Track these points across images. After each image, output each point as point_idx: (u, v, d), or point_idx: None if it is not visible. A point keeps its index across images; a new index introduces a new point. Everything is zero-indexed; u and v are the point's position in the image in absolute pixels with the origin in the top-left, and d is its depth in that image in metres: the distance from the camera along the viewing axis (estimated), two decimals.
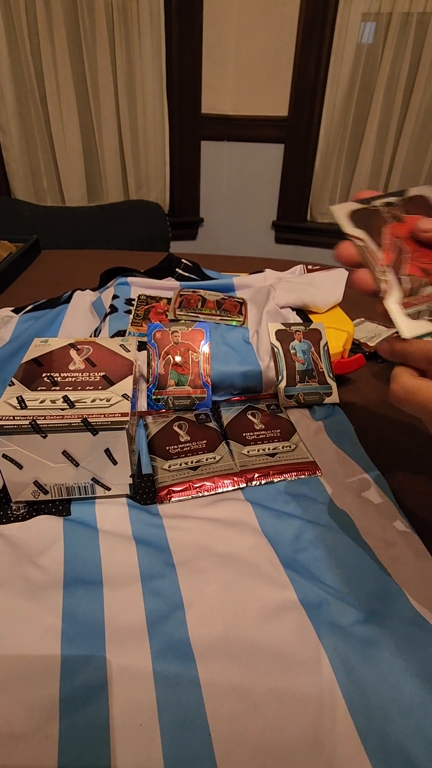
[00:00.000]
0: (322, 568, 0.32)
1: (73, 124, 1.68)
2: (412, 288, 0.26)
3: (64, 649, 0.27)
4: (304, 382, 0.51)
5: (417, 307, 0.26)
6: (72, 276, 0.86)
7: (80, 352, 0.41)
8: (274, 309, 0.59)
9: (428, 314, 0.26)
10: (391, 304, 0.26)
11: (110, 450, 0.34)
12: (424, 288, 0.26)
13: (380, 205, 0.28)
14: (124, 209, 1.30)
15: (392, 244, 0.27)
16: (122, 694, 0.25)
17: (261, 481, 0.40)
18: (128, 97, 1.68)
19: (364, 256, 0.27)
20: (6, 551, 0.32)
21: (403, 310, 0.26)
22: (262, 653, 0.27)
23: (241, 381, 0.51)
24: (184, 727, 0.24)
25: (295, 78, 1.70)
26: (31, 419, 0.33)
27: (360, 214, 0.28)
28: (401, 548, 0.34)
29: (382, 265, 0.27)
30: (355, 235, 0.27)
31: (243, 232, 2.03)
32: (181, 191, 1.93)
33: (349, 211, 0.28)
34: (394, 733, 0.24)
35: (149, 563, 0.32)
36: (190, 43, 1.65)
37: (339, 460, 0.43)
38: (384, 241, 0.27)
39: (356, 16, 1.58)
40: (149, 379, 0.49)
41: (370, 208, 0.28)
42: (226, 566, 0.32)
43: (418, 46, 1.58)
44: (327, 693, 0.25)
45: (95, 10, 1.52)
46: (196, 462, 0.41)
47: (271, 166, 1.88)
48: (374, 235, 0.27)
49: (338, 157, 1.83)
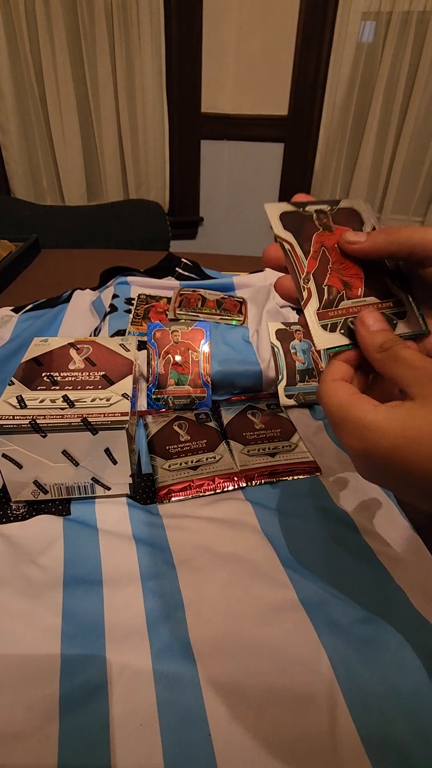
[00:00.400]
0: (322, 568, 0.32)
1: (73, 123, 1.68)
2: (331, 299, 0.26)
3: (64, 649, 0.27)
4: (305, 382, 0.51)
5: (333, 319, 0.26)
6: (72, 275, 0.86)
7: (80, 352, 0.41)
8: (274, 308, 0.59)
9: (344, 328, 0.25)
10: (308, 314, 0.26)
11: (110, 449, 0.34)
12: (342, 301, 0.26)
13: (312, 212, 0.28)
14: (124, 208, 1.29)
15: (318, 253, 0.27)
16: (122, 694, 0.25)
17: (261, 480, 0.40)
18: (128, 96, 1.68)
19: (289, 261, 0.27)
20: (6, 551, 0.32)
21: (319, 321, 0.26)
22: (262, 653, 0.27)
23: (241, 380, 0.51)
24: (184, 727, 0.24)
25: (295, 77, 1.69)
26: (31, 419, 0.33)
27: (292, 216, 0.28)
28: (401, 548, 0.34)
29: (306, 273, 0.27)
30: (284, 238, 0.27)
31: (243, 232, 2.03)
32: (180, 190, 1.93)
33: (282, 212, 0.28)
34: (393, 733, 0.24)
35: (149, 563, 0.32)
36: (189, 42, 1.65)
37: (339, 459, 0.43)
38: (311, 249, 0.27)
39: (356, 14, 1.57)
40: (149, 378, 0.49)
41: (302, 212, 0.28)
42: (226, 566, 0.32)
43: (418, 45, 1.58)
44: (327, 692, 0.25)
45: (95, 8, 1.52)
46: (196, 461, 0.41)
47: (271, 165, 1.87)
48: (303, 241, 0.27)
49: (338, 156, 1.83)
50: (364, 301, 0.26)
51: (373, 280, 0.27)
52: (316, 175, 1.85)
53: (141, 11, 1.55)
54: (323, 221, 0.28)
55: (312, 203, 0.28)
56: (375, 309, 0.26)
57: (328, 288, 0.26)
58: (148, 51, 1.63)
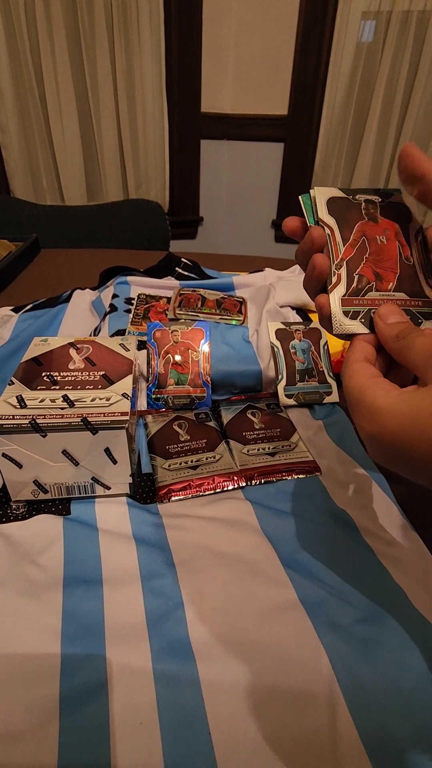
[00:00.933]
0: (322, 568, 0.32)
1: (73, 122, 1.68)
2: (359, 288, 0.26)
3: (64, 648, 0.27)
4: (304, 381, 0.51)
5: (357, 308, 0.26)
6: (71, 275, 0.86)
7: (80, 351, 0.41)
8: (274, 308, 0.59)
9: (365, 318, 0.26)
10: (333, 298, 0.26)
11: (110, 449, 0.34)
12: (370, 292, 0.26)
13: (362, 201, 0.28)
14: (124, 208, 1.29)
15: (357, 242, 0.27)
16: (122, 693, 0.25)
17: (261, 480, 0.40)
18: (128, 96, 1.68)
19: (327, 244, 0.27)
20: (6, 550, 0.32)
21: (342, 307, 0.26)
22: (262, 652, 0.27)
23: (241, 380, 0.51)
24: (185, 726, 0.24)
25: (295, 76, 1.69)
26: (31, 418, 0.33)
27: (340, 202, 0.28)
28: (401, 548, 0.34)
29: (340, 259, 0.27)
30: (326, 222, 0.27)
31: (243, 231, 2.03)
32: (180, 190, 1.93)
33: (331, 197, 0.28)
34: (393, 732, 0.24)
35: (149, 562, 0.32)
36: (189, 42, 1.65)
37: (339, 459, 0.43)
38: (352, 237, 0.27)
39: (356, 14, 1.57)
40: (149, 378, 0.49)
41: (352, 200, 0.28)
42: (226, 565, 0.32)
43: (418, 45, 1.58)
44: (327, 692, 0.25)
45: (94, 8, 1.52)
46: (196, 461, 0.41)
47: (270, 164, 1.87)
48: (345, 228, 0.28)
49: (338, 155, 1.83)
50: (392, 295, 0.27)
51: (407, 276, 0.27)
52: (316, 174, 1.85)
53: (141, 11, 1.55)
54: (370, 211, 0.28)
55: (363, 191, 0.28)
56: (399, 304, 0.26)
57: (358, 277, 0.27)
58: (148, 50, 1.63)
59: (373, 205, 0.28)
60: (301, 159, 1.84)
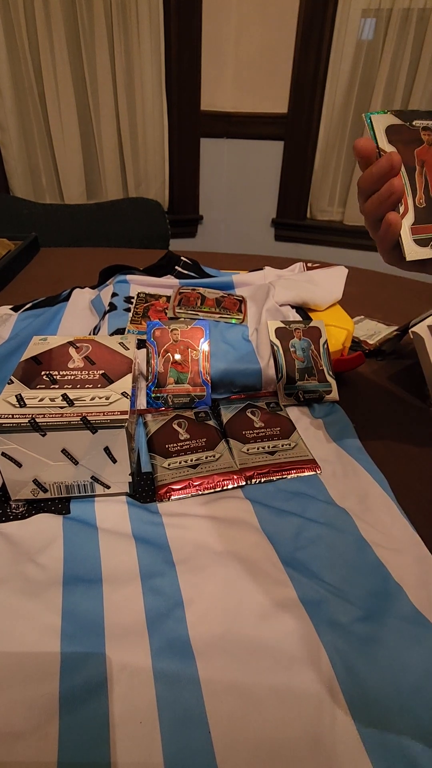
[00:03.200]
0: (321, 567, 0.32)
1: (72, 121, 1.67)
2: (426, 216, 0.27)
3: (64, 647, 0.27)
4: (304, 380, 0.51)
5: (426, 235, 0.27)
6: (71, 274, 0.86)
7: (79, 350, 0.41)
8: (274, 307, 0.59)
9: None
10: (405, 226, 0.27)
11: (109, 448, 0.34)
12: None
13: (419, 127, 0.28)
14: (124, 207, 1.29)
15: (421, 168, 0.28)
16: (122, 692, 0.25)
17: (261, 479, 0.40)
18: (127, 94, 1.67)
19: None
20: (5, 549, 0.32)
21: (412, 235, 0.27)
22: (262, 651, 0.27)
23: (241, 379, 0.51)
24: (184, 725, 0.24)
25: (295, 75, 1.69)
26: (31, 417, 0.33)
27: (398, 130, 0.28)
28: (401, 547, 0.34)
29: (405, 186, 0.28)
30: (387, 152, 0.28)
31: (242, 230, 2.02)
32: (180, 189, 1.93)
33: (389, 125, 0.28)
34: (393, 731, 0.24)
35: (149, 561, 0.32)
36: (189, 40, 1.64)
37: (339, 458, 0.43)
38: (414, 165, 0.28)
39: (356, 12, 1.57)
40: (148, 377, 0.49)
41: (409, 126, 0.28)
42: (225, 564, 0.32)
43: (418, 43, 1.58)
44: (326, 691, 0.25)
45: (94, 6, 1.51)
46: (196, 460, 0.41)
47: (270, 163, 1.87)
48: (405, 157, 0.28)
49: (338, 154, 1.82)
50: None
51: None
52: (316, 173, 1.85)
53: (140, 9, 1.55)
54: (429, 137, 0.28)
55: (418, 115, 0.29)
56: None
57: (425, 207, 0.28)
58: (148, 49, 1.62)
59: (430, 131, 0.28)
60: (301, 157, 1.83)
